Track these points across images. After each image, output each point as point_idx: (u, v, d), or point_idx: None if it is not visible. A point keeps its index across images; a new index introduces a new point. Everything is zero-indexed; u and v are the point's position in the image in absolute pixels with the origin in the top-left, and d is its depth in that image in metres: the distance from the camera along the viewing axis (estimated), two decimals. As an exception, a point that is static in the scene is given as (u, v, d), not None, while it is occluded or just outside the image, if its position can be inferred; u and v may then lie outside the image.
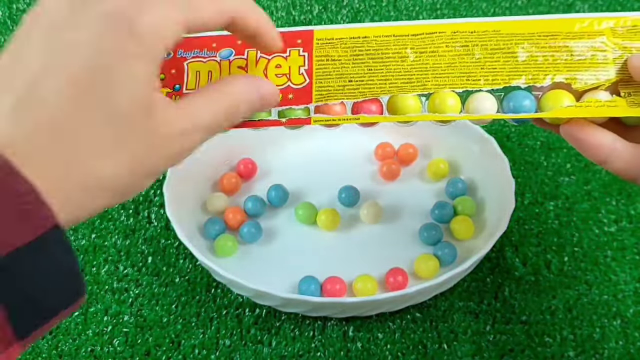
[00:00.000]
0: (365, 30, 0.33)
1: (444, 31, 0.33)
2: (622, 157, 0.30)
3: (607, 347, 0.42)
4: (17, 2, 0.71)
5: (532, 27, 0.32)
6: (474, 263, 0.42)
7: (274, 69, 0.33)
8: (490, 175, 0.49)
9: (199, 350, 0.42)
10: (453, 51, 0.32)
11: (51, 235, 0.22)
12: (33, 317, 0.22)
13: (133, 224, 0.50)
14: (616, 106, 0.30)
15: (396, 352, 0.42)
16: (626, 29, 0.32)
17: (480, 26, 0.33)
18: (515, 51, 0.32)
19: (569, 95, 0.31)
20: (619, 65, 0.31)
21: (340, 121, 0.32)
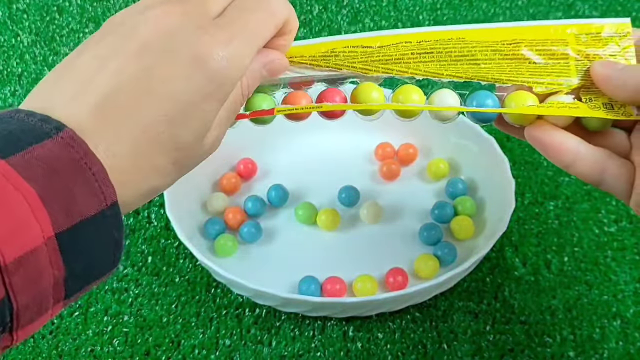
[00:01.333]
0: (334, 44, 0.33)
1: (410, 41, 0.33)
2: (586, 161, 0.31)
3: (607, 348, 0.42)
4: (17, 2, 0.71)
5: (496, 35, 0.33)
6: (474, 263, 0.42)
7: None
8: (490, 175, 0.49)
9: (199, 350, 0.42)
10: (418, 58, 0.33)
11: (111, 211, 0.24)
12: (82, 281, 0.24)
13: (133, 224, 0.50)
14: (578, 108, 0.31)
15: (396, 352, 0.42)
16: (590, 37, 0.32)
17: (445, 34, 0.33)
18: (479, 58, 0.32)
19: (533, 96, 0.32)
20: (582, 72, 0.32)
21: (303, 110, 0.33)
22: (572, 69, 0.32)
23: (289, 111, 0.33)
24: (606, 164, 0.31)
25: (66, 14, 0.69)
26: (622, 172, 0.30)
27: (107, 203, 0.24)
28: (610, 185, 0.31)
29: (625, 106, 0.31)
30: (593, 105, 0.31)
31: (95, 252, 0.24)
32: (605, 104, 0.31)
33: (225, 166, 0.53)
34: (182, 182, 0.47)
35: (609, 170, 0.31)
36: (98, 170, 0.24)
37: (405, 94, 0.32)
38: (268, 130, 0.35)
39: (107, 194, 0.24)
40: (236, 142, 0.52)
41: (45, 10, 0.70)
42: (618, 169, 0.30)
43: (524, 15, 0.68)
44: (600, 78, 0.31)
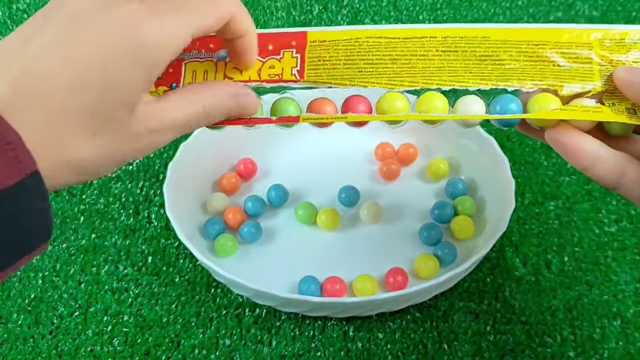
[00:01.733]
0: (358, 33, 0.34)
1: (435, 36, 0.33)
2: (606, 164, 0.31)
3: (607, 348, 0.42)
4: (17, 2, 0.71)
5: (521, 35, 0.33)
6: (474, 263, 0.42)
7: (267, 69, 0.33)
8: (490, 175, 0.49)
9: (199, 350, 0.42)
10: (442, 55, 0.33)
11: (31, 180, 0.24)
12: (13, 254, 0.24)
13: (133, 224, 0.49)
14: (601, 112, 0.31)
15: (396, 352, 0.42)
16: (614, 42, 0.33)
17: (470, 32, 0.33)
18: (504, 58, 0.33)
19: (556, 99, 0.32)
20: (605, 76, 0.32)
21: (328, 120, 0.33)
22: (595, 73, 0.32)
23: (315, 120, 0.33)
24: (625, 168, 0.31)
25: (66, 14, 0.69)
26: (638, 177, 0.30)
27: (26, 172, 0.23)
28: (627, 189, 0.31)
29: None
30: (616, 110, 0.31)
31: (20, 223, 0.24)
32: (629, 109, 0.31)
33: (225, 166, 0.53)
34: (182, 182, 0.47)
35: (627, 174, 0.31)
36: (14, 139, 0.23)
37: (428, 102, 0.32)
38: (268, 131, 0.35)
39: (26, 163, 0.23)
40: (236, 142, 0.52)
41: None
42: (637, 173, 0.30)
43: (524, 15, 0.68)
44: (623, 83, 0.31)
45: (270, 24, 0.68)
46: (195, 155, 0.49)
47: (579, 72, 0.32)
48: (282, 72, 0.33)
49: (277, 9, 0.70)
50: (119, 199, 0.51)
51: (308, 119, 0.33)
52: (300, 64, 0.33)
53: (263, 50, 0.33)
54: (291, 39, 0.34)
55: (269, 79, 0.33)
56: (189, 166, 0.48)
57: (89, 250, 0.48)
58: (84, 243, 0.48)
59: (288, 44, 0.34)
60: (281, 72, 0.33)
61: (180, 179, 0.47)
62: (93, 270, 0.47)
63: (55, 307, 0.44)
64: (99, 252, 0.48)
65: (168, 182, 0.46)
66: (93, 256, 0.47)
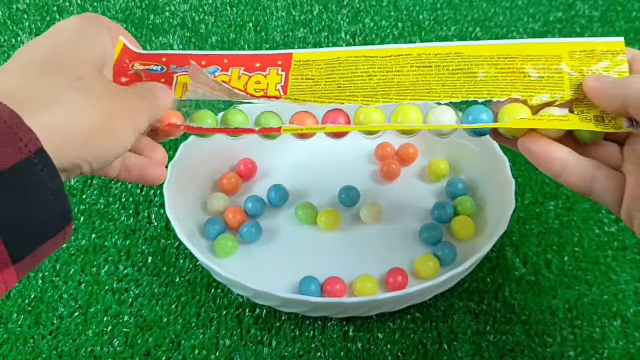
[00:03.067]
0: (339, 53, 0.36)
1: (410, 53, 0.35)
2: (575, 171, 0.31)
3: (607, 347, 0.42)
4: (17, 2, 0.71)
5: (493, 50, 0.34)
6: (474, 263, 0.42)
7: (253, 84, 0.35)
8: (490, 175, 0.49)
9: (199, 351, 0.42)
10: (417, 70, 0.34)
11: (38, 158, 0.23)
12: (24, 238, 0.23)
13: (133, 224, 0.50)
14: (568, 120, 0.32)
15: (396, 352, 0.42)
16: (584, 54, 0.33)
17: (444, 49, 0.35)
18: (476, 71, 0.34)
19: (525, 108, 0.33)
20: (575, 85, 0.33)
21: (307, 130, 0.35)
22: (566, 83, 0.33)
23: (295, 131, 0.35)
24: (596, 174, 0.31)
25: (66, 14, 0.69)
26: (611, 183, 0.31)
27: (30, 150, 0.23)
28: (599, 195, 0.31)
29: (615, 119, 0.32)
30: (584, 118, 0.32)
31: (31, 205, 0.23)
32: (597, 116, 0.32)
33: (225, 166, 0.53)
34: (182, 182, 0.47)
35: (598, 180, 0.31)
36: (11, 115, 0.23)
37: (403, 113, 0.34)
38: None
39: (28, 140, 0.23)
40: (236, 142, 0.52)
41: (45, 10, 0.70)
42: (608, 179, 0.31)
43: (524, 16, 0.68)
44: (591, 91, 0.32)
45: (270, 24, 0.68)
46: (195, 156, 0.49)
47: (549, 82, 0.33)
48: (267, 87, 0.35)
49: (277, 8, 0.70)
50: (119, 199, 0.51)
51: (288, 129, 0.35)
52: (285, 80, 0.35)
53: (250, 67, 0.36)
54: (278, 59, 0.36)
55: (255, 93, 0.35)
56: (189, 166, 0.48)
57: (89, 250, 0.48)
58: (84, 243, 0.48)
59: (274, 63, 0.36)
60: (266, 87, 0.35)
61: (180, 179, 0.47)
62: (93, 271, 0.47)
63: (55, 308, 0.44)
64: (99, 252, 0.48)
65: (168, 182, 0.46)
66: (93, 256, 0.47)
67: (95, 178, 0.53)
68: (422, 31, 0.67)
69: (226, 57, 0.36)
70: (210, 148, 0.50)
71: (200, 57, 0.36)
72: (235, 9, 0.70)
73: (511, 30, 0.66)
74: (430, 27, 0.67)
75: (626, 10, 0.69)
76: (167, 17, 0.69)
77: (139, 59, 0.35)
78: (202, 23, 0.69)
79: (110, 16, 0.69)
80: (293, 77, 0.35)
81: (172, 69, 0.36)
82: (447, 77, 0.34)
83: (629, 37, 0.65)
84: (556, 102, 0.33)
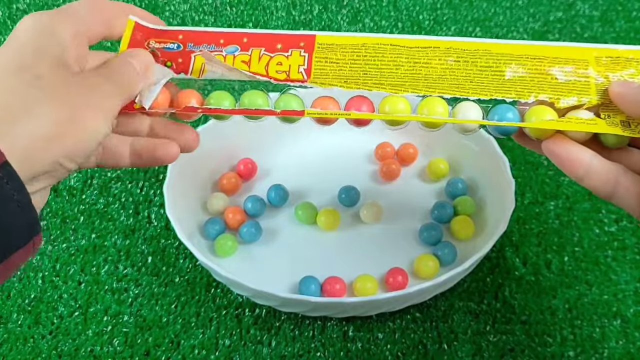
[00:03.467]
0: (365, 39, 0.35)
1: (438, 46, 0.35)
2: (599, 175, 0.31)
3: (607, 347, 0.42)
4: (17, 2, 0.71)
5: (521, 50, 0.34)
6: (474, 263, 0.42)
7: (275, 65, 0.34)
8: (490, 175, 0.49)
9: (199, 350, 0.42)
10: (445, 64, 0.34)
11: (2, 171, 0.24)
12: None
13: (133, 224, 0.49)
14: (596, 124, 0.32)
15: (396, 352, 0.42)
16: (610, 60, 0.34)
17: (472, 45, 0.35)
18: (503, 70, 0.34)
19: (552, 111, 0.33)
20: (601, 91, 0.33)
21: (332, 115, 0.34)
22: (592, 87, 0.33)
23: (319, 115, 0.34)
24: (619, 179, 0.31)
25: (66, 14, 0.69)
26: (635, 188, 0.31)
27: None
28: (621, 199, 0.32)
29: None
30: (611, 122, 0.32)
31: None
32: (623, 121, 0.32)
33: (225, 166, 0.53)
34: (182, 182, 0.47)
35: (622, 184, 0.31)
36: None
37: (430, 106, 0.33)
38: (268, 131, 0.36)
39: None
40: (236, 142, 0.52)
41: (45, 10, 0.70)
42: (631, 184, 0.31)
43: (524, 16, 0.68)
44: (616, 96, 0.32)
45: (270, 24, 0.68)
46: (195, 155, 0.49)
47: (575, 86, 0.33)
48: (289, 69, 0.34)
49: (277, 8, 0.70)
50: (119, 199, 0.51)
51: (312, 113, 0.34)
52: (308, 63, 0.34)
53: (271, 48, 0.35)
54: (300, 40, 0.35)
55: (277, 75, 0.34)
56: (189, 166, 0.48)
57: (89, 250, 0.48)
58: (84, 243, 0.48)
59: (297, 44, 0.35)
60: (288, 70, 0.34)
61: (180, 179, 0.47)
62: (93, 270, 0.47)
63: (55, 307, 0.44)
64: (99, 252, 0.48)
65: (168, 182, 0.46)
66: (93, 256, 0.47)
67: (95, 178, 0.53)
68: (422, 31, 0.67)
69: (246, 35, 0.35)
70: (210, 148, 0.50)
71: (219, 35, 0.35)
72: (235, 9, 0.70)
73: (511, 30, 0.66)
74: (430, 27, 0.67)
75: (626, 10, 0.69)
76: (167, 17, 0.69)
77: (155, 36, 0.35)
78: (202, 23, 0.68)
79: (110, 16, 0.69)
80: (317, 59, 0.34)
81: (189, 47, 0.35)
82: (476, 74, 0.34)
83: (629, 37, 0.65)
84: (583, 105, 0.33)
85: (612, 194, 0.32)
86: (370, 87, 0.33)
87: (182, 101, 0.34)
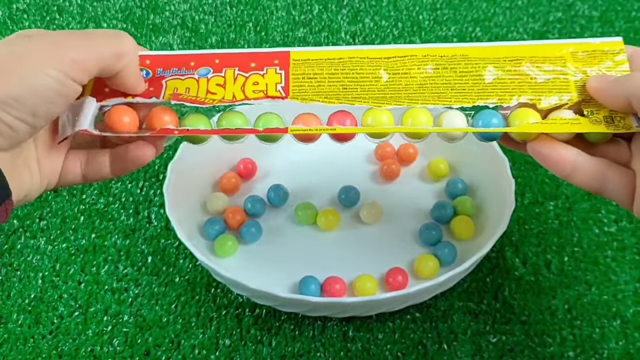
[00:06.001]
0: (340, 53, 0.34)
1: (415, 54, 0.34)
2: (585, 171, 0.32)
3: (607, 347, 0.42)
4: (17, 2, 0.71)
5: (498, 53, 0.34)
6: (474, 263, 0.42)
7: (251, 85, 0.34)
8: (490, 175, 0.49)
9: (199, 350, 0.42)
10: (424, 73, 0.34)
11: None
12: None
13: (133, 224, 0.50)
14: (579, 123, 0.32)
15: (396, 352, 0.42)
16: (586, 54, 0.34)
17: (449, 51, 0.34)
18: (483, 74, 0.34)
19: (535, 113, 0.33)
20: (580, 87, 0.33)
21: (316, 131, 0.33)
22: (571, 84, 0.33)
23: (302, 131, 0.33)
24: (606, 173, 0.32)
25: (66, 14, 0.69)
26: (623, 180, 0.31)
27: None
28: (612, 193, 0.32)
29: (625, 119, 0.32)
30: (594, 119, 0.32)
31: None
32: (606, 117, 0.32)
33: (225, 166, 0.53)
34: (182, 182, 0.47)
35: (609, 178, 0.32)
36: None
37: (413, 116, 0.34)
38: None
39: None
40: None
41: (45, 10, 0.70)
42: (619, 177, 0.32)
43: (524, 16, 0.68)
44: (594, 91, 0.32)
45: (270, 24, 0.68)
46: (195, 155, 0.49)
47: (555, 85, 0.33)
48: (266, 88, 0.33)
49: (277, 8, 0.70)
50: (119, 199, 0.51)
51: (296, 130, 0.33)
52: (285, 80, 0.34)
53: (245, 67, 0.34)
54: (274, 57, 0.34)
55: (254, 95, 0.33)
56: (189, 166, 0.48)
57: (89, 250, 0.48)
58: (84, 243, 0.48)
59: (271, 62, 0.34)
60: (266, 89, 0.33)
61: (180, 179, 0.47)
62: (93, 270, 0.47)
63: (55, 307, 0.44)
64: (99, 252, 0.48)
65: (168, 182, 0.46)
66: (93, 256, 0.47)
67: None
68: (422, 31, 0.67)
69: (217, 56, 0.34)
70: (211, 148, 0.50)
71: (189, 58, 0.34)
72: (235, 9, 0.70)
73: (511, 30, 0.66)
74: (430, 27, 0.67)
75: (626, 10, 0.69)
76: (167, 17, 0.69)
77: None
78: (202, 23, 0.69)
79: (110, 16, 0.69)
80: (294, 76, 0.34)
81: (159, 73, 0.34)
82: (456, 80, 0.34)
83: (628, 37, 0.65)
84: (565, 104, 0.33)
85: (600, 188, 0.32)
86: (352, 102, 0.33)
87: (155, 120, 0.33)
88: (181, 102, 0.33)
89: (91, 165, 0.34)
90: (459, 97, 0.33)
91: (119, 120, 0.33)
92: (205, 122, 0.34)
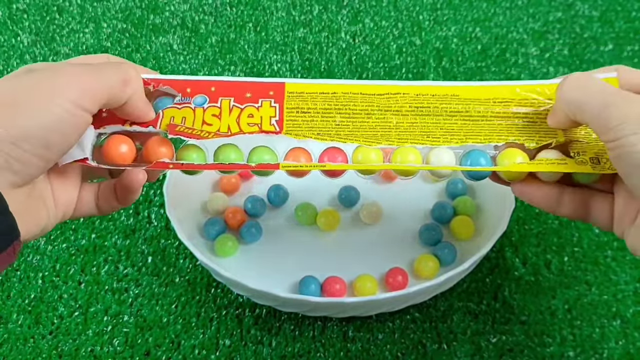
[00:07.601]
0: (335, 87, 0.35)
1: (408, 92, 0.35)
2: (569, 205, 0.34)
3: (607, 347, 0.42)
4: (17, 2, 0.71)
5: (488, 93, 0.35)
6: (474, 263, 0.42)
7: (246, 118, 0.34)
8: (490, 175, 0.49)
9: (199, 351, 0.42)
10: (415, 111, 0.35)
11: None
12: None
13: (133, 224, 0.50)
14: (566, 164, 0.32)
15: (396, 352, 0.42)
16: None
17: (441, 90, 0.35)
18: (473, 115, 0.34)
19: (522, 153, 0.33)
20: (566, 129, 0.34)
21: (307, 167, 0.34)
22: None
23: (294, 168, 0.34)
24: (589, 202, 0.34)
25: (66, 14, 0.69)
26: (605, 206, 0.33)
27: None
28: (595, 219, 0.34)
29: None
30: (580, 160, 0.32)
31: None
32: (592, 158, 0.32)
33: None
34: (182, 182, 0.47)
35: (592, 207, 0.34)
36: None
37: (402, 154, 0.34)
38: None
39: None
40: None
41: (45, 10, 0.70)
42: (601, 204, 0.33)
43: (524, 16, 0.68)
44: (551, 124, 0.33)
45: (270, 24, 0.68)
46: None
47: (542, 127, 0.34)
48: (261, 121, 0.34)
49: (277, 9, 0.70)
50: (119, 199, 0.51)
51: (287, 166, 0.34)
52: (279, 114, 0.34)
53: (241, 98, 0.34)
54: (269, 88, 0.35)
55: (249, 129, 0.34)
56: (189, 166, 0.48)
57: (89, 250, 0.48)
58: (84, 243, 0.48)
59: (266, 93, 0.35)
60: (260, 122, 0.34)
61: (180, 179, 0.47)
62: (93, 270, 0.47)
63: (55, 307, 0.45)
64: (99, 252, 0.48)
65: (168, 182, 0.46)
66: (93, 256, 0.47)
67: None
68: (422, 31, 0.67)
69: (213, 83, 0.35)
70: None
71: (186, 84, 0.34)
72: (235, 9, 0.70)
73: (511, 31, 0.66)
74: (430, 28, 0.67)
75: (626, 10, 0.69)
76: (167, 17, 0.69)
77: None
78: (202, 23, 0.69)
79: (110, 16, 0.69)
80: (288, 110, 0.34)
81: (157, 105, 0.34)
82: (445, 120, 0.34)
83: (628, 37, 0.65)
84: (551, 145, 0.33)
85: (585, 217, 0.34)
86: (343, 140, 0.34)
87: (151, 152, 0.33)
88: (178, 136, 0.33)
89: (102, 196, 0.34)
90: (448, 137, 0.34)
91: (116, 151, 0.33)
92: (200, 154, 0.34)
